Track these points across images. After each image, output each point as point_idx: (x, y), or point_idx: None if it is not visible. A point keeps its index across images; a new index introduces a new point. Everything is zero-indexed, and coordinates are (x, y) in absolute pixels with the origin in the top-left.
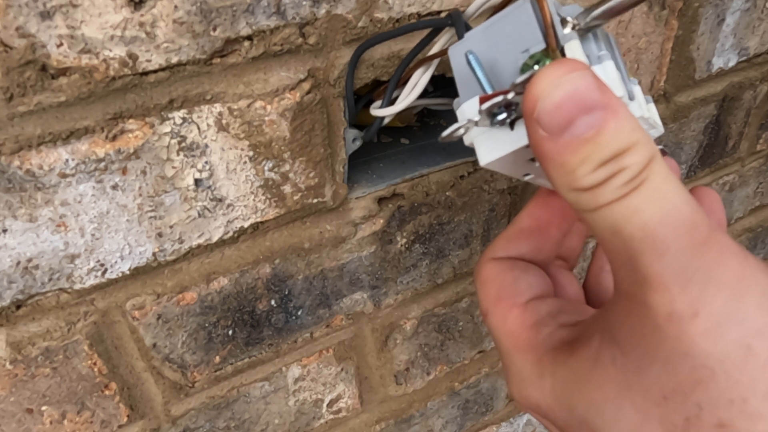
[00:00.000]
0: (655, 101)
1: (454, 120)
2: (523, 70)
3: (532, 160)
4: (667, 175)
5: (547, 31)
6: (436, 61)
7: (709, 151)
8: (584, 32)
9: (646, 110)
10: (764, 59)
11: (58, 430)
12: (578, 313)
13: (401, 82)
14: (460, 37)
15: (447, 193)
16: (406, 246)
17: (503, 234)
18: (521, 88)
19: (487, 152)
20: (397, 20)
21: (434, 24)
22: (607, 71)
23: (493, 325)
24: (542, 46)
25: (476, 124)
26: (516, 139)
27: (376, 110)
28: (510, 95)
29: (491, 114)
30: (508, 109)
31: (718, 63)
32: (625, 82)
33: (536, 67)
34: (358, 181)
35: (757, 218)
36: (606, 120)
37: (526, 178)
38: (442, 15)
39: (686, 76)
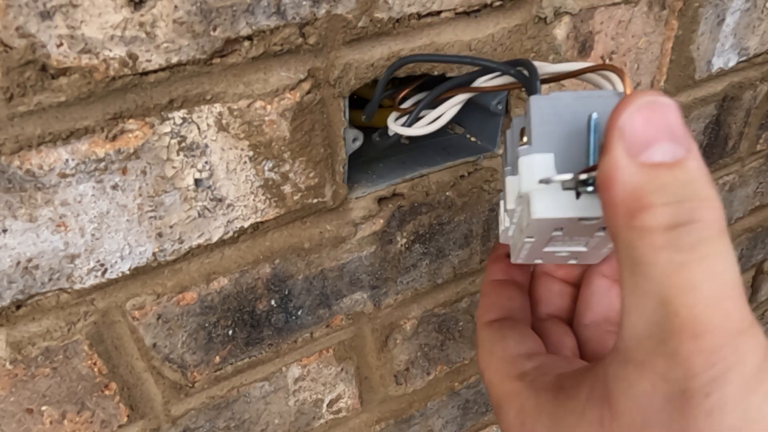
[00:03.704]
0: None
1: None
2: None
3: (569, 233)
4: (729, 251)
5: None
6: (469, 94)
7: (709, 151)
8: None
9: None
10: (764, 59)
11: (58, 430)
12: (570, 367)
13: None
14: (530, 91)
15: (447, 193)
16: (406, 246)
17: (482, 294)
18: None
19: (545, 208)
20: (397, 20)
21: (504, 69)
22: None
23: (485, 379)
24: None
25: (549, 182)
26: (579, 207)
27: (398, 127)
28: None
29: (581, 182)
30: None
31: (718, 63)
32: None
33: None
34: (358, 181)
35: (757, 218)
36: (687, 158)
37: (543, 259)
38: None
39: (686, 76)
